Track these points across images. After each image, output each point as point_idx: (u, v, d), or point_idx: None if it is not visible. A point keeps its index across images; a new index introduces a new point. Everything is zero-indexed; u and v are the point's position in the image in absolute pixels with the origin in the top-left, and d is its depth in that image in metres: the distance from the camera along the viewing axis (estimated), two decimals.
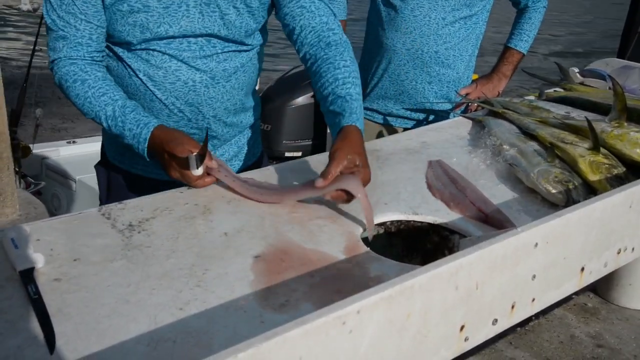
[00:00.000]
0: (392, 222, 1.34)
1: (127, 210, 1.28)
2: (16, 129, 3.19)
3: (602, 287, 1.77)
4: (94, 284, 1.03)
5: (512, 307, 1.13)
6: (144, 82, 1.50)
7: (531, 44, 2.45)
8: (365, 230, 1.29)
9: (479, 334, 1.08)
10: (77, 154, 3.64)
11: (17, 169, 2.91)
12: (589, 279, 1.31)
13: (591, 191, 1.45)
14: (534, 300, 1.18)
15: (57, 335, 0.90)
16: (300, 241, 1.20)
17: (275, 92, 2.99)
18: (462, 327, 1.03)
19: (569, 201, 1.40)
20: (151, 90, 1.51)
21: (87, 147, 3.67)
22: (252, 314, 0.97)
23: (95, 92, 1.44)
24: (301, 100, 2.94)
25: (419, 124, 2.35)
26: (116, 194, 1.71)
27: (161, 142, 1.37)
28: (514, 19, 2.47)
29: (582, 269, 1.28)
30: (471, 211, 1.36)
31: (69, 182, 3.42)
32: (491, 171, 1.59)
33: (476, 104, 2.27)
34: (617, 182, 1.44)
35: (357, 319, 0.84)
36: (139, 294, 1.01)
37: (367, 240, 1.24)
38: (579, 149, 1.55)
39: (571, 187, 1.43)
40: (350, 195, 1.25)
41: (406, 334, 0.93)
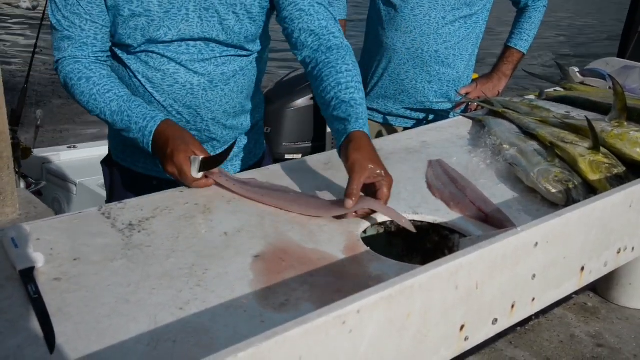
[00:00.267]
0: (392, 221, 1.34)
1: (127, 209, 1.28)
2: (17, 128, 3.20)
3: (602, 287, 1.77)
4: (94, 283, 1.03)
5: (512, 306, 1.13)
6: (142, 84, 1.50)
7: (531, 43, 2.45)
8: (365, 230, 1.29)
9: (479, 334, 1.08)
10: (77, 159, 3.66)
11: (17, 169, 2.92)
12: (589, 278, 1.31)
13: (591, 191, 1.45)
14: (534, 299, 1.18)
15: (57, 334, 0.90)
16: (300, 241, 1.20)
17: (274, 94, 2.99)
18: (462, 326, 1.03)
19: (569, 201, 1.40)
20: (150, 92, 1.51)
21: (88, 152, 3.70)
22: (252, 314, 0.97)
23: (100, 89, 1.43)
24: (300, 102, 2.95)
25: (419, 123, 2.35)
26: (119, 191, 1.72)
27: (167, 137, 1.37)
28: (514, 19, 2.47)
29: (582, 269, 1.28)
30: (471, 211, 1.36)
31: (69, 186, 3.44)
32: (491, 171, 1.59)
33: (476, 104, 2.27)
34: (617, 181, 1.44)
35: (357, 318, 0.84)
36: (139, 294, 1.01)
37: (367, 239, 1.24)
38: (579, 149, 1.54)
39: (571, 186, 1.43)
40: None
41: (406, 334, 0.93)
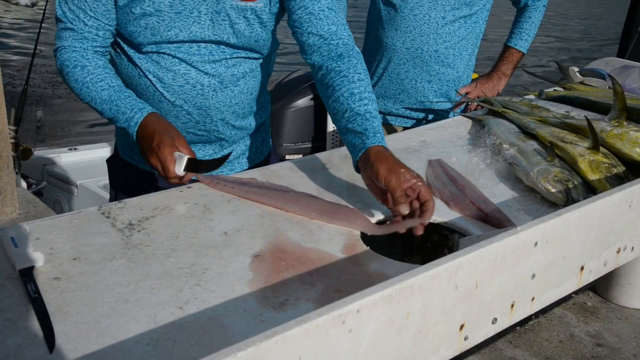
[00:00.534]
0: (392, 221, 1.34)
1: (126, 209, 1.28)
2: (17, 128, 3.20)
3: (602, 286, 1.77)
4: (94, 282, 1.03)
5: (512, 306, 1.13)
6: (153, 83, 1.51)
7: (531, 43, 2.45)
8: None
9: (478, 333, 1.08)
10: (78, 160, 3.68)
11: (18, 169, 2.92)
12: (588, 278, 1.31)
13: (591, 190, 1.45)
14: (533, 299, 1.18)
15: (57, 334, 0.90)
16: (300, 240, 1.20)
17: (275, 95, 2.99)
18: (462, 326, 1.03)
19: (568, 200, 1.40)
20: (160, 91, 1.51)
21: (88, 154, 3.72)
22: (251, 313, 0.97)
23: (93, 77, 1.45)
24: (301, 102, 2.95)
25: (419, 123, 2.35)
26: (124, 189, 1.73)
27: (153, 129, 1.39)
28: (514, 18, 2.48)
29: (582, 268, 1.28)
30: (471, 210, 1.36)
31: (71, 188, 3.45)
32: (491, 170, 1.59)
33: (476, 103, 2.27)
34: (617, 181, 1.44)
35: (356, 318, 0.84)
36: (138, 293, 1.01)
37: (366, 239, 1.24)
38: (579, 148, 1.54)
39: (571, 186, 1.43)
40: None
41: (406, 333, 0.93)
